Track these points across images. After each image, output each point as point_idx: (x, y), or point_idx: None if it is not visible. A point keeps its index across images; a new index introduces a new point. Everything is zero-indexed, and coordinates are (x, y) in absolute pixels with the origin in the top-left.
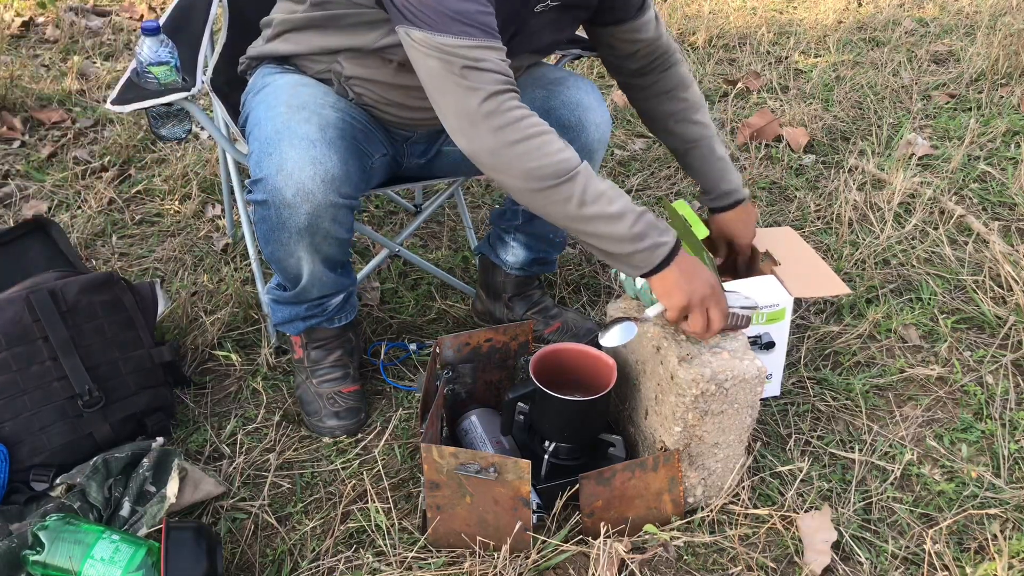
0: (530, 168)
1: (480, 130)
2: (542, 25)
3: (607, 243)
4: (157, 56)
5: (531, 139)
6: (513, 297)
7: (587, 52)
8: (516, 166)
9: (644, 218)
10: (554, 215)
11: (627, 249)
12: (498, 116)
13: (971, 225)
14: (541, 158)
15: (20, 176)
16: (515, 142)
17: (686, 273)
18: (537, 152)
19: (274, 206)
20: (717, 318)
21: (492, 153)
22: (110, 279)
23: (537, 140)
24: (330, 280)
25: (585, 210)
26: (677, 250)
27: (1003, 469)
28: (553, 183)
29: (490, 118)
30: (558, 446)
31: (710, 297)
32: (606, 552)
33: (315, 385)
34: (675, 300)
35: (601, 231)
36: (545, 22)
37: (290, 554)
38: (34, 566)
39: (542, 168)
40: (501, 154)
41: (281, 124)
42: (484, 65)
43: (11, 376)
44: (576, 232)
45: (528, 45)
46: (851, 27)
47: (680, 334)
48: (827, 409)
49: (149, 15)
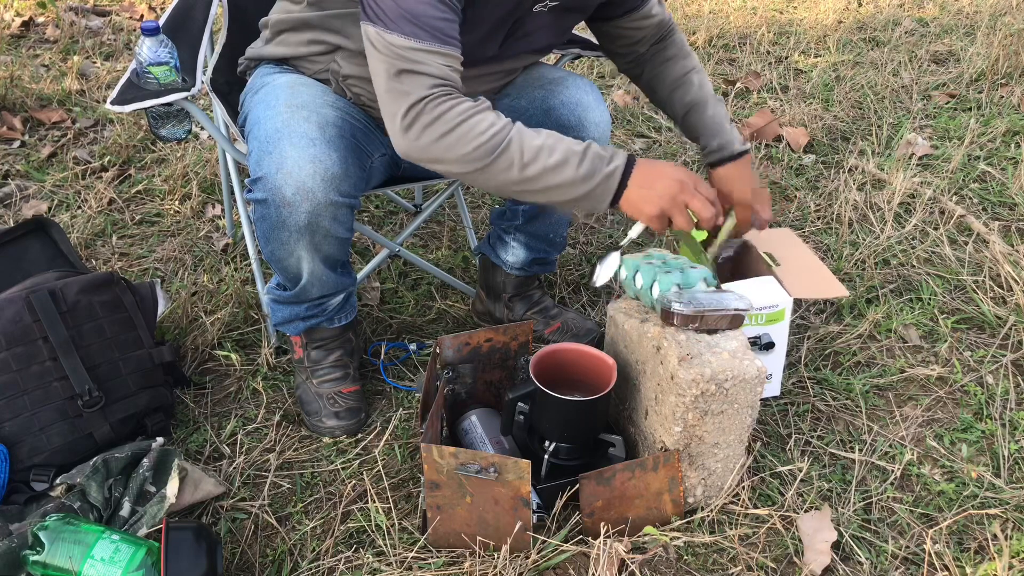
0: (462, 155)
1: (409, 134)
2: (540, 25)
3: (561, 193)
4: (157, 56)
5: (457, 128)
6: (513, 297)
7: (587, 52)
8: (449, 156)
9: (588, 155)
10: (502, 186)
11: (581, 191)
12: (422, 118)
13: (971, 225)
14: (470, 142)
15: (20, 176)
16: (441, 136)
17: (646, 184)
18: (465, 138)
19: (274, 205)
20: (701, 206)
21: (422, 151)
22: (110, 279)
23: (464, 127)
24: (330, 280)
25: (528, 171)
26: (630, 168)
27: (1003, 469)
28: (490, 159)
29: (415, 122)
30: (558, 446)
31: (681, 193)
32: (606, 552)
33: (315, 385)
34: (647, 213)
35: (551, 184)
36: (543, 23)
37: (290, 554)
38: (34, 566)
39: (475, 151)
40: (430, 150)
41: (281, 123)
42: (421, 68)
43: (11, 376)
44: (529, 194)
45: (526, 45)
46: (851, 27)
47: (680, 334)
48: (827, 409)
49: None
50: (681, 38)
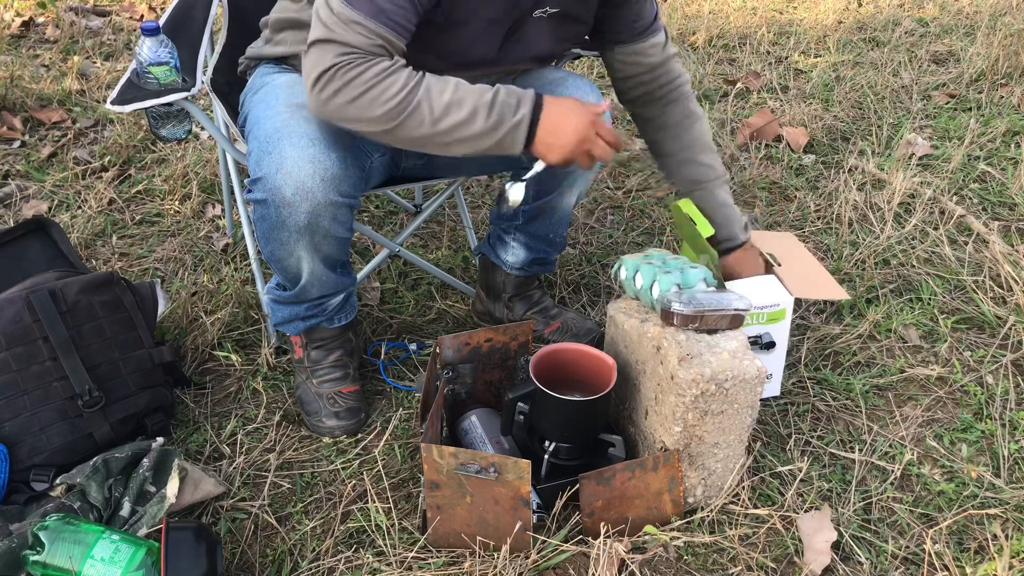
0: (372, 117)
1: (320, 97)
2: (540, 32)
3: (472, 144)
4: (157, 56)
5: (367, 92)
6: (513, 297)
7: (587, 52)
8: (360, 117)
9: (495, 106)
10: (414, 142)
11: (492, 140)
12: (332, 83)
13: (971, 225)
14: (381, 105)
15: (20, 176)
16: (350, 100)
17: (553, 132)
18: (376, 101)
19: (274, 205)
20: (602, 152)
21: (332, 113)
22: (110, 279)
23: (373, 91)
24: (330, 280)
25: (438, 126)
26: (538, 114)
27: (1003, 469)
28: (400, 119)
29: (325, 87)
30: (558, 446)
31: (584, 142)
32: (606, 552)
33: (315, 385)
34: (553, 160)
35: (462, 136)
36: (543, 29)
37: (290, 554)
38: (34, 566)
39: (385, 113)
40: (340, 112)
41: (280, 123)
42: (341, 38)
43: (11, 376)
44: (443, 146)
45: (524, 51)
46: (851, 27)
47: (680, 334)
48: (827, 409)
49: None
50: (691, 110)
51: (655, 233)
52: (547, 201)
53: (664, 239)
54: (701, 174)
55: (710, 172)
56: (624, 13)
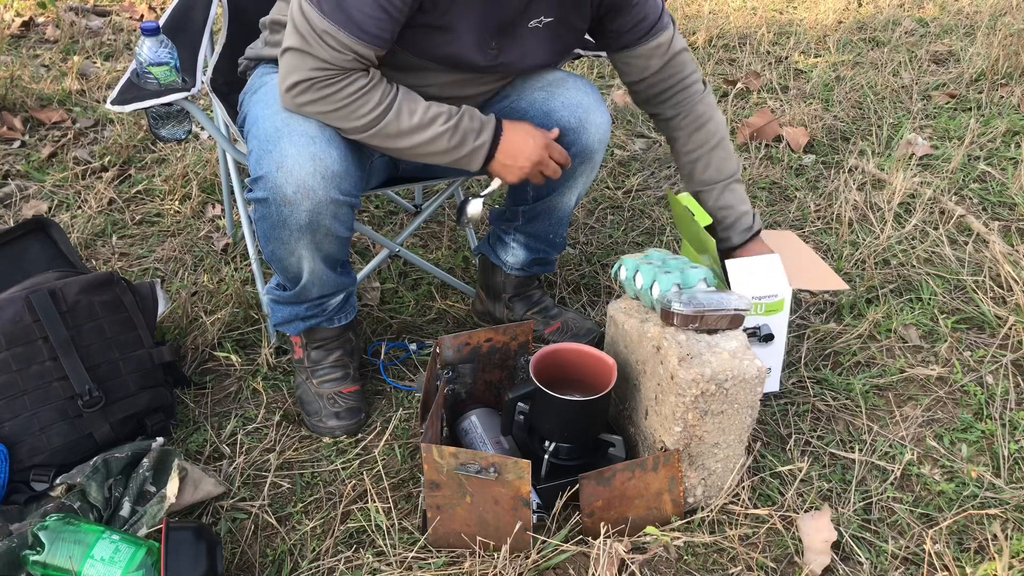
0: (345, 128)
1: (294, 102)
2: (537, 42)
3: (435, 159)
4: (157, 57)
5: (341, 109)
6: (513, 297)
7: (586, 52)
8: (331, 124)
9: (459, 130)
10: (382, 149)
11: (452, 157)
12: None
13: (971, 225)
14: (353, 121)
15: (20, 176)
16: (324, 113)
17: (512, 154)
18: (348, 117)
19: (274, 203)
20: (553, 172)
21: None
22: (110, 279)
23: (347, 109)
24: (330, 279)
25: (405, 142)
26: (498, 139)
27: (1003, 469)
28: (370, 133)
29: (299, 96)
30: (558, 446)
31: (538, 164)
32: (606, 552)
33: (315, 385)
34: (511, 178)
35: (426, 152)
36: (540, 39)
37: (290, 554)
38: (34, 566)
39: (355, 126)
40: (313, 117)
41: (280, 122)
42: (315, 52)
43: (11, 376)
44: (408, 156)
45: (524, 61)
46: (851, 27)
47: (680, 334)
48: (827, 409)
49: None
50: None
51: (655, 233)
52: (546, 201)
53: (664, 239)
54: (710, 176)
55: (717, 174)
56: (625, 16)
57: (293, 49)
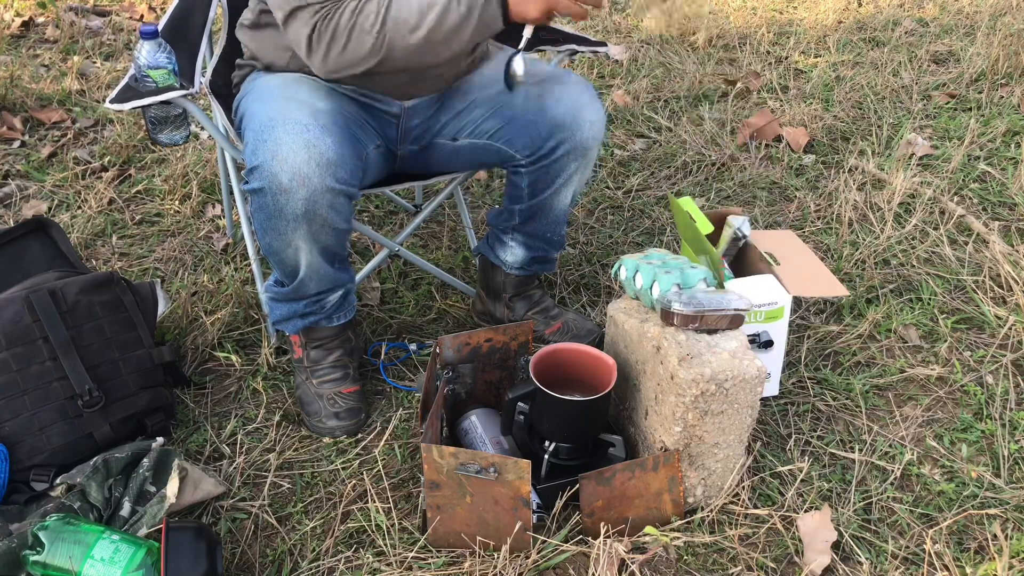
0: (366, 53)
1: (324, 61)
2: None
3: (459, 36)
4: (155, 60)
5: (350, 35)
6: (513, 297)
7: (583, 49)
8: (358, 59)
9: None
10: (411, 57)
11: (472, 25)
12: (321, 42)
13: (971, 225)
14: (366, 40)
15: (20, 176)
16: (343, 49)
17: None
18: (360, 39)
19: (271, 193)
20: None
21: (338, 68)
22: (110, 279)
23: (353, 33)
24: (328, 274)
25: (420, 33)
26: None
27: (1003, 469)
28: (386, 43)
29: (318, 48)
30: (558, 446)
31: None
32: (606, 552)
33: (315, 385)
34: (535, 13)
35: (446, 31)
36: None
37: (290, 554)
38: (34, 566)
39: (372, 45)
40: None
41: (275, 112)
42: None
43: (11, 376)
44: (438, 50)
45: None
46: (851, 27)
47: (680, 334)
48: (827, 409)
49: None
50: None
51: (655, 233)
52: (542, 200)
53: (664, 239)
54: None
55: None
56: None
57: (288, 15)
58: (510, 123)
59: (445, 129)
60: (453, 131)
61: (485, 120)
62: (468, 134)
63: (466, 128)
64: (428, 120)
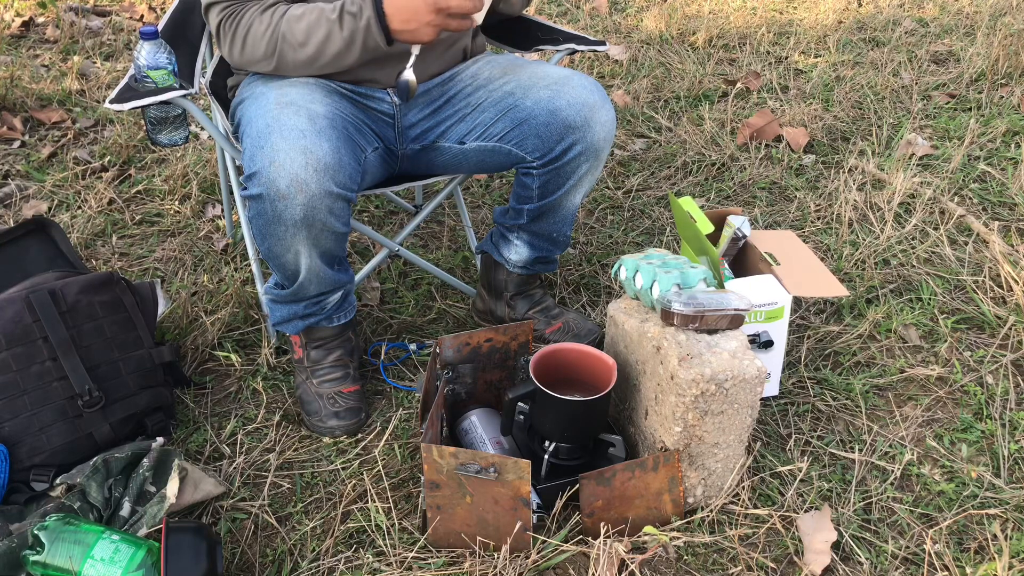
0: (260, 56)
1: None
2: None
3: (347, 57)
4: (155, 61)
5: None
6: (515, 296)
7: (581, 47)
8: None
9: (344, 19)
10: (300, 69)
11: (358, 48)
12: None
13: (971, 225)
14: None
15: (20, 176)
16: (241, 48)
17: (403, 15)
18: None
19: (269, 199)
20: (458, 3)
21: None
22: (110, 279)
23: (249, 36)
24: (327, 276)
25: (307, 51)
26: (380, 6)
27: (1003, 469)
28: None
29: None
30: (558, 446)
31: (437, 7)
32: (606, 552)
33: (315, 385)
34: (422, 36)
35: (333, 53)
36: None
37: (290, 554)
38: (34, 566)
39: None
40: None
41: (271, 118)
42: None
43: (11, 376)
44: (324, 68)
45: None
46: (851, 27)
47: (680, 334)
48: (827, 409)
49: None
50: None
51: (655, 233)
52: (552, 200)
53: (664, 239)
54: None
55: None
56: None
57: (205, 7)
58: (521, 125)
59: (451, 132)
60: (460, 134)
61: (494, 123)
62: (477, 137)
63: (475, 131)
64: (428, 120)
